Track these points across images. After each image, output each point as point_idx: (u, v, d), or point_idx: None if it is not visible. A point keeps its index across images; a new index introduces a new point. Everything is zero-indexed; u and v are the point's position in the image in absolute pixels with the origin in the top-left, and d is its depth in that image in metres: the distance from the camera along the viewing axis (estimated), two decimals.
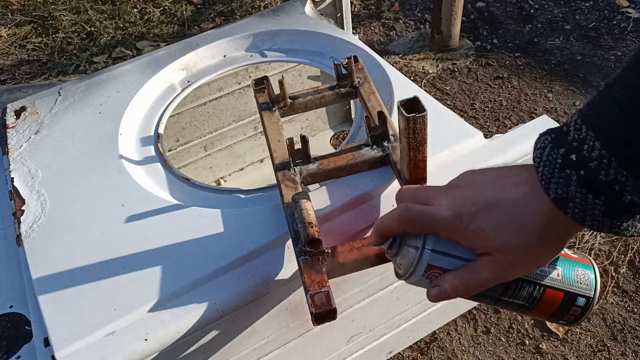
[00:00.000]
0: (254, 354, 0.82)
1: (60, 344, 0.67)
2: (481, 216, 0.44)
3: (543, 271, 0.49)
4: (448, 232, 0.47)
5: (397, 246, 0.50)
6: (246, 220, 0.79)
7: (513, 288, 0.49)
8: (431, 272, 0.48)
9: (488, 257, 0.45)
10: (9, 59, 2.43)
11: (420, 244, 0.48)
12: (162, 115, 1.04)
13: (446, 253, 0.48)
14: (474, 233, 0.45)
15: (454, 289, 0.47)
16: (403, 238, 0.50)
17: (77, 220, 0.83)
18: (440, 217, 0.46)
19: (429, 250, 0.48)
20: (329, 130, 1.77)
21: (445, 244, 0.47)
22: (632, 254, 1.41)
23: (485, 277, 0.46)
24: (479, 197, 0.45)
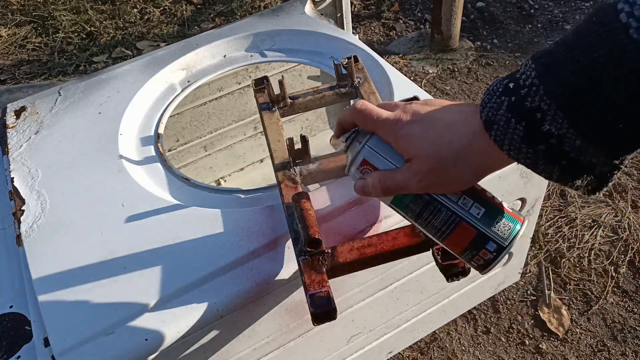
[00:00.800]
0: (254, 354, 0.82)
1: (60, 344, 0.67)
2: (413, 125, 0.48)
3: (464, 205, 0.51)
4: (384, 133, 0.51)
5: (350, 139, 0.55)
6: (246, 220, 0.79)
7: (431, 209, 0.52)
8: (364, 167, 0.53)
9: (407, 163, 0.49)
10: (9, 59, 2.43)
11: (364, 140, 0.53)
12: (162, 115, 1.04)
13: (380, 154, 0.52)
14: (401, 137, 0.49)
15: (373, 185, 0.52)
16: (356, 134, 0.55)
17: (77, 220, 0.83)
18: (382, 117, 0.51)
19: (368, 147, 0.52)
20: (329, 130, 1.77)
21: (382, 146, 0.52)
22: (632, 254, 1.41)
23: (398, 179, 0.50)
24: (421, 112, 0.49)
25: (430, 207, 0.52)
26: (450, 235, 0.52)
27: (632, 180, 1.58)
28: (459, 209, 0.51)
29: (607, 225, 1.48)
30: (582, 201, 1.54)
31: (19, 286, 0.78)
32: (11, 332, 0.73)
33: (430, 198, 0.52)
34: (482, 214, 0.51)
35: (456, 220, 0.51)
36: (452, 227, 0.52)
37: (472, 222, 0.51)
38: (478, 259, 0.52)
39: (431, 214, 0.52)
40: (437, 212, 0.52)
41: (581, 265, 1.41)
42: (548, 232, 1.48)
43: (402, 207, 0.54)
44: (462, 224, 0.51)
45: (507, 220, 0.52)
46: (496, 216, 0.51)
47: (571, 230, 1.48)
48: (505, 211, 0.52)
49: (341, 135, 0.57)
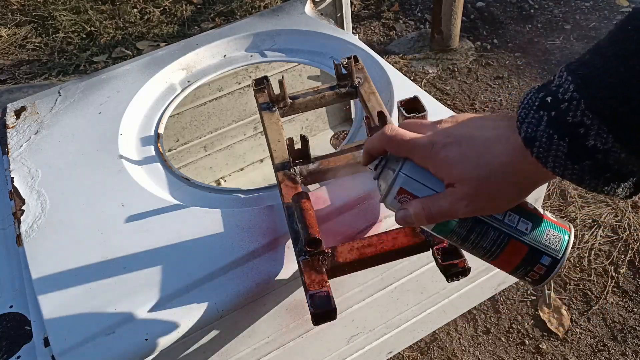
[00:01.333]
0: (254, 354, 0.82)
1: (60, 344, 0.67)
2: (451, 147, 0.46)
3: (511, 222, 0.50)
4: (420, 158, 0.49)
5: (380, 167, 0.53)
6: (246, 220, 0.79)
7: (478, 230, 0.50)
8: (402, 196, 0.51)
9: (450, 188, 0.47)
10: (9, 59, 2.43)
11: (397, 168, 0.50)
12: (162, 115, 1.04)
13: (417, 180, 0.50)
14: (440, 162, 0.47)
15: (416, 213, 0.49)
16: (387, 161, 0.52)
17: (77, 220, 0.83)
18: (415, 142, 0.48)
19: (404, 174, 0.50)
20: (329, 130, 1.77)
21: (419, 172, 0.50)
22: (632, 254, 1.41)
23: (443, 206, 0.48)
24: (455, 132, 0.47)
25: (477, 229, 0.50)
26: (501, 254, 0.50)
27: None
28: (506, 227, 0.50)
29: (607, 225, 1.48)
30: (582, 201, 1.54)
31: (19, 286, 0.78)
32: (11, 332, 0.73)
33: (476, 220, 0.50)
34: (530, 228, 0.50)
35: (505, 239, 0.49)
36: (502, 247, 0.50)
37: (522, 239, 0.49)
38: (533, 275, 0.50)
39: (478, 236, 0.50)
40: (485, 233, 0.50)
41: (581, 265, 1.41)
42: None
43: (447, 232, 0.51)
44: (512, 241, 0.49)
45: (556, 231, 0.51)
46: (544, 228, 0.50)
47: None
48: (551, 221, 0.51)
49: (369, 163, 0.54)
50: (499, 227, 0.50)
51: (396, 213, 0.51)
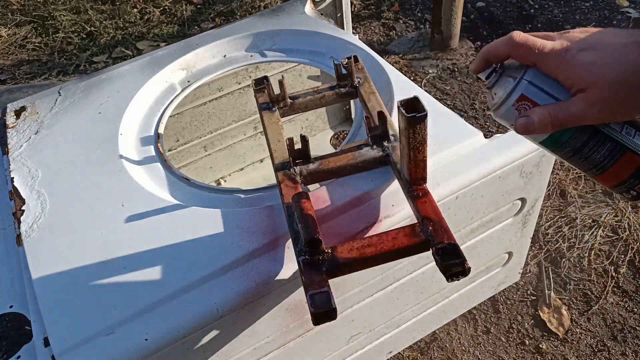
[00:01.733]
0: (254, 354, 0.82)
1: (60, 344, 0.67)
2: (587, 52, 0.46)
3: (629, 134, 0.49)
4: (550, 64, 0.48)
5: (497, 75, 0.52)
6: (246, 220, 0.79)
7: (595, 140, 0.50)
8: (522, 103, 0.50)
9: (581, 94, 0.46)
10: (9, 59, 2.43)
11: (519, 75, 0.49)
12: (162, 115, 1.04)
13: (542, 88, 0.49)
14: (575, 66, 0.46)
15: (541, 120, 0.48)
16: (504, 68, 0.52)
17: (77, 220, 0.83)
18: (549, 46, 0.48)
19: (527, 81, 0.49)
20: (329, 130, 1.77)
21: (543, 79, 0.49)
22: (632, 254, 1.41)
23: (573, 112, 0.47)
24: (589, 39, 0.47)
25: (594, 139, 0.49)
26: (612, 167, 0.50)
27: None
28: (624, 138, 0.49)
29: (607, 225, 1.48)
30: (582, 201, 1.54)
31: (19, 286, 0.78)
32: (11, 332, 0.73)
33: (595, 130, 0.49)
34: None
35: (622, 150, 0.49)
36: (616, 158, 0.50)
37: (638, 151, 0.49)
38: (638, 188, 0.51)
39: (594, 147, 0.50)
40: (601, 144, 0.50)
41: (581, 265, 1.41)
42: (548, 232, 1.48)
43: (558, 145, 0.51)
44: (627, 153, 0.49)
45: None
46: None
47: (571, 230, 1.48)
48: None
49: (484, 70, 0.53)
50: (617, 138, 0.49)
51: (516, 120, 0.51)
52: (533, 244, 1.46)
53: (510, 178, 0.89)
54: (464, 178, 0.82)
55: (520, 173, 0.90)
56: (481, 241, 0.99)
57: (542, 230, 1.49)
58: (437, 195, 0.79)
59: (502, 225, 1.01)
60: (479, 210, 0.91)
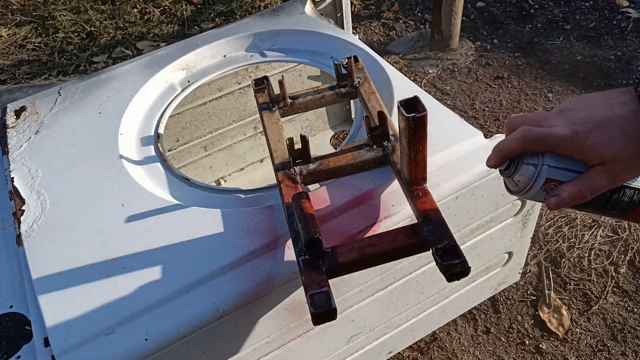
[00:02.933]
0: (254, 354, 0.82)
1: (60, 344, 0.67)
2: (595, 132, 0.52)
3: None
4: (565, 149, 0.54)
5: (515, 165, 0.58)
6: (246, 220, 0.79)
7: (617, 194, 0.57)
8: (549, 184, 0.56)
9: (601, 166, 0.53)
10: (9, 59, 2.43)
11: (538, 161, 0.56)
12: (162, 115, 1.04)
13: (562, 167, 0.55)
14: (589, 147, 0.53)
15: (571, 196, 0.55)
16: (521, 158, 0.57)
17: (77, 220, 0.83)
18: (560, 135, 0.54)
19: (547, 166, 0.55)
20: (329, 130, 1.77)
21: (560, 160, 0.55)
22: (632, 254, 1.41)
23: (599, 184, 0.54)
24: (591, 117, 0.53)
25: (616, 194, 0.57)
26: (635, 208, 0.58)
27: None
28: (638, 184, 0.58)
29: (607, 225, 1.48)
30: None
31: (19, 286, 0.78)
32: (11, 332, 0.73)
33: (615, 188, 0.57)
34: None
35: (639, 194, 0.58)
36: (637, 202, 0.58)
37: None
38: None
39: (617, 199, 0.58)
40: (623, 195, 0.57)
41: (581, 265, 1.41)
42: (548, 232, 1.48)
43: (584, 206, 0.58)
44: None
45: None
46: None
47: (571, 230, 1.48)
48: None
49: (502, 164, 0.59)
50: (633, 186, 0.57)
51: (548, 200, 0.57)
52: (533, 244, 1.46)
53: None
54: (464, 178, 0.82)
55: None
56: (481, 241, 0.99)
57: (542, 230, 1.49)
58: (437, 195, 0.79)
59: (502, 225, 1.01)
60: (479, 210, 0.91)
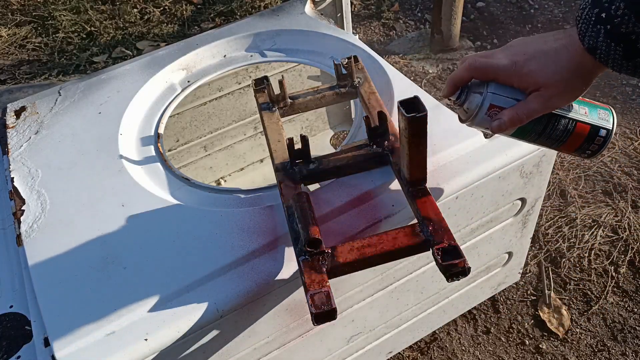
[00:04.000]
0: (254, 354, 0.82)
1: (60, 344, 0.67)
2: (531, 62, 0.60)
3: (575, 110, 0.65)
4: (506, 77, 0.62)
5: (464, 94, 0.65)
6: (246, 220, 0.79)
7: (553, 122, 0.65)
8: (492, 110, 0.63)
9: (536, 92, 0.61)
10: (9, 59, 2.43)
11: (484, 89, 0.63)
12: (162, 115, 1.04)
13: (503, 95, 0.63)
14: (526, 75, 0.60)
15: (511, 119, 0.63)
16: (469, 87, 0.65)
17: (77, 220, 0.83)
18: (501, 65, 0.62)
19: (491, 93, 0.63)
20: (329, 130, 1.77)
21: (502, 88, 0.63)
22: (632, 254, 1.41)
23: (534, 107, 0.62)
24: (528, 50, 0.61)
25: (552, 121, 0.65)
26: (569, 137, 0.66)
27: (632, 180, 1.58)
28: (573, 114, 0.65)
29: (607, 225, 1.48)
30: (582, 201, 1.54)
31: (19, 286, 0.78)
32: (11, 332, 0.73)
33: (551, 115, 0.64)
34: (587, 112, 0.66)
35: (573, 123, 0.65)
36: (571, 130, 0.65)
37: (584, 120, 0.65)
38: (593, 147, 0.66)
39: (553, 127, 0.65)
40: (557, 123, 0.65)
41: (581, 265, 1.41)
42: (548, 232, 1.48)
43: (525, 133, 0.66)
44: (578, 124, 0.65)
45: (602, 110, 0.66)
46: (595, 110, 0.66)
47: (571, 230, 1.48)
48: (598, 104, 0.67)
49: (453, 94, 0.66)
50: (568, 115, 0.65)
51: (491, 124, 0.64)
52: (533, 244, 1.46)
53: (510, 178, 0.89)
54: (464, 178, 0.82)
55: (520, 173, 0.90)
56: (481, 241, 0.99)
57: (542, 230, 1.49)
58: (437, 195, 0.79)
59: (502, 225, 1.01)
60: (479, 210, 0.91)
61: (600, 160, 1.65)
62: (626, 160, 1.65)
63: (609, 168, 1.63)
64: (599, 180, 1.60)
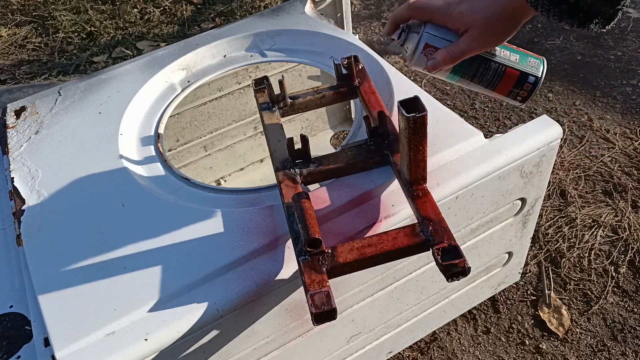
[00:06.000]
0: (254, 354, 0.82)
1: (60, 344, 0.67)
2: (462, 4, 0.65)
3: (505, 56, 0.70)
4: (440, 17, 0.67)
5: (405, 33, 0.70)
6: (246, 220, 0.79)
7: (485, 65, 0.70)
8: (427, 50, 0.68)
9: (466, 33, 0.65)
10: (9, 59, 2.43)
11: (421, 29, 0.67)
12: (162, 115, 1.04)
13: (438, 35, 0.67)
14: (457, 16, 0.65)
15: (443, 58, 0.67)
16: (409, 27, 0.69)
17: (77, 220, 0.83)
18: (436, 5, 0.67)
19: (427, 33, 0.67)
20: (329, 130, 1.77)
21: (438, 29, 0.67)
22: (632, 254, 1.41)
23: (463, 47, 0.66)
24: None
25: (483, 64, 0.69)
26: (500, 81, 0.70)
27: (632, 180, 1.58)
28: (503, 59, 0.70)
29: (607, 225, 1.48)
30: (582, 201, 1.54)
31: (19, 286, 0.78)
32: (11, 332, 0.73)
33: (481, 58, 0.69)
34: (518, 59, 0.70)
35: (503, 68, 0.70)
36: (501, 75, 0.70)
37: (514, 66, 0.70)
38: (522, 93, 0.71)
39: (484, 69, 0.70)
40: (488, 66, 0.69)
41: (581, 265, 1.41)
42: (548, 232, 1.48)
43: (460, 73, 0.71)
44: (507, 69, 0.70)
45: (533, 59, 0.71)
46: (526, 58, 0.71)
47: (571, 230, 1.48)
48: (530, 53, 0.72)
49: (394, 32, 0.71)
50: (498, 60, 0.70)
51: (426, 64, 0.69)
52: (533, 244, 1.46)
53: (510, 178, 0.89)
54: (464, 178, 0.82)
55: (520, 173, 0.90)
56: (481, 241, 0.99)
57: (542, 230, 1.49)
58: (437, 195, 0.80)
59: (502, 225, 1.01)
60: (479, 210, 0.91)
61: (600, 160, 1.65)
62: (626, 160, 1.65)
63: (609, 168, 1.63)
64: (599, 180, 1.60)
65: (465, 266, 0.63)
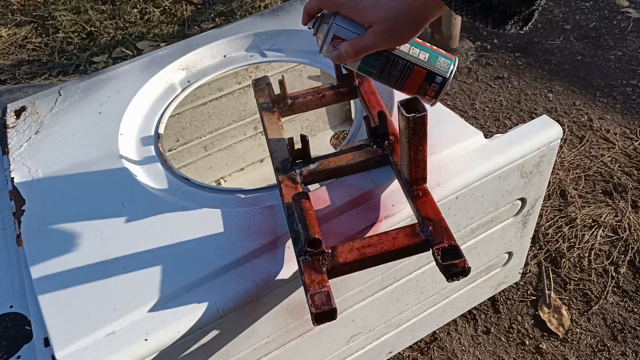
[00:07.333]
0: (254, 354, 0.82)
1: (60, 344, 0.67)
2: None
3: (414, 54, 0.69)
4: (347, 10, 0.66)
5: (317, 23, 0.69)
6: (246, 220, 0.79)
7: (392, 61, 0.68)
8: (335, 41, 0.67)
9: (370, 28, 0.64)
10: (9, 59, 2.43)
11: (330, 21, 0.67)
12: (162, 115, 1.04)
13: (345, 28, 0.67)
14: (362, 10, 0.64)
15: (347, 51, 0.66)
16: (322, 18, 0.69)
17: (77, 220, 0.83)
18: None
19: (335, 24, 0.67)
20: (329, 130, 1.77)
21: (346, 22, 0.67)
22: (632, 254, 1.41)
23: (366, 42, 0.65)
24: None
25: (390, 60, 0.68)
26: (407, 79, 0.69)
27: (632, 180, 1.58)
28: (411, 57, 0.68)
29: (607, 225, 1.48)
30: (582, 201, 1.54)
31: (19, 286, 0.78)
32: (11, 332, 0.73)
33: (389, 54, 0.68)
34: (427, 57, 0.69)
35: (411, 66, 0.68)
36: (409, 72, 0.68)
37: (422, 65, 0.68)
38: (430, 92, 0.70)
39: (392, 66, 0.68)
40: (395, 64, 0.68)
41: (581, 265, 1.41)
42: (548, 232, 1.48)
43: (369, 67, 0.69)
44: (415, 67, 0.68)
45: (443, 58, 0.70)
46: (437, 57, 0.69)
47: (571, 230, 1.48)
48: (442, 53, 0.70)
49: (308, 22, 0.70)
50: (405, 58, 0.68)
51: (331, 54, 0.68)
52: (533, 244, 1.46)
53: (510, 178, 0.89)
54: (464, 178, 0.82)
55: (520, 173, 0.90)
56: (481, 241, 0.99)
57: (542, 230, 1.49)
58: (437, 195, 0.79)
59: (502, 225, 1.01)
60: (479, 210, 0.91)
61: (600, 160, 1.65)
62: (626, 160, 1.65)
63: (609, 168, 1.63)
64: (599, 180, 1.60)
65: (465, 266, 0.63)
